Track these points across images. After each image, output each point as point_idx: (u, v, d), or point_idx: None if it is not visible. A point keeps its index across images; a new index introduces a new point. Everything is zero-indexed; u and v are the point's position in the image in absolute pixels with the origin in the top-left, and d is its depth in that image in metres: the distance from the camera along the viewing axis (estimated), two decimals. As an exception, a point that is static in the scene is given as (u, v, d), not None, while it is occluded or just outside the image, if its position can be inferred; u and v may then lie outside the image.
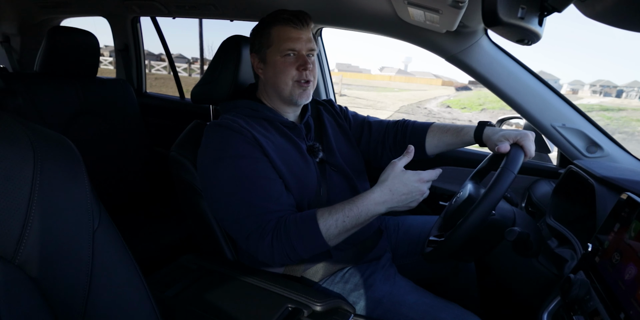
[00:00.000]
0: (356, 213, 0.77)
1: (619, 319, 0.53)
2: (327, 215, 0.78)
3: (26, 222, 0.39)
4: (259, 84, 1.00)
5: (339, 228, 0.77)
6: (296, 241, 0.77)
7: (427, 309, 0.84)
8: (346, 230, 0.78)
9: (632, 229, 0.59)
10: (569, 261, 0.81)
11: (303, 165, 0.92)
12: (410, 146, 0.83)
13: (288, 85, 0.92)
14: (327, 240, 0.78)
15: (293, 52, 0.90)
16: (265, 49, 0.92)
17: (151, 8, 1.74)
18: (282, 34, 0.90)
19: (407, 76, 48.92)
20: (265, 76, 0.95)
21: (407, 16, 1.08)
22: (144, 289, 0.52)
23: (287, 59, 0.90)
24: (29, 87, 1.39)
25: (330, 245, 0.79)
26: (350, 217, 0.77)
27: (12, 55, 2.27)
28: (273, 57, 0.91)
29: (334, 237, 0.78)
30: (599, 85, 58.05)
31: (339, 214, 0.78)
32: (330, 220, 0.77)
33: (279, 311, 0.73)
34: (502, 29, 0.75)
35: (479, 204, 0.69)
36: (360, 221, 0.78)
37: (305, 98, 0.94)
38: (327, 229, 0.77)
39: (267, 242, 0.78)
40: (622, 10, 0.45)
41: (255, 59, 0.96)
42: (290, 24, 0.90)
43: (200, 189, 0.93)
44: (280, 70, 0.91)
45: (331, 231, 0.77)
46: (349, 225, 0.78)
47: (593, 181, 0.88)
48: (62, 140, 0.45)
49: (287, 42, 0.89)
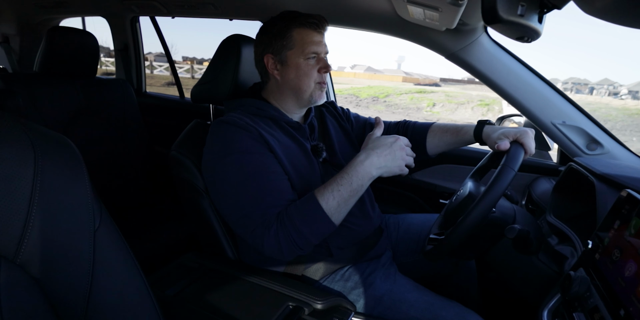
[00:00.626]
0: (347, 179, 0.80)
1: (619, 316, 0.53)
2: (322, 190, 0.80)
3: (27, 222, 0.39)
4: (268, 84, 0.99)
5: (336, 199, 0.79)
6: (300, 223, 0.78)
7: (428, 307, 0.84)
8: (344, 200, 0.79)
9: (632, 226, 0.59)
10: (569, 258, 0.81)
11: (307, 165, 0.93)
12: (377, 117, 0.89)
13: (310, 87, 0.93)
14: (330, 215, 0.78)
15: (315, 55, 0.92)
16: (287, 50, 0.92)
17: (150, 8, 1.73)
18: (306, 37, 0.91)
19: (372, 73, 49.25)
20: (284, 78, 0.93)
21: (406, 14, 1.08)
22: (145, 288, 0.52)
23: (309, 62, 0.92)
24: (29, 87, 1.39)
25: (335, 222, 0.80)
26: (343, 184, 0.79)
27: (11, 55, 2.27)
28: (295, 59, 0.91)
29: (335, 209, 0.79)
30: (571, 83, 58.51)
31: (333, 184, 0.80)
32: (327, 194, 0.79)
33: (280, 309, 0.74)
34: (501, 26, 0.75)
35: (479, 202, 0.69)
36: (354, 186, 0.79)
37: (322, 99, 0.97)
38: (326, 203, 0.78)
39: (273, 231, 0.78)
40: (622, 6, 0.45)
41: (272, 60, 0.94)
42: (313, 28, 0.92)
43: (201, 188, 0.93)
44: (304, 73, 0.92)
45: (330, 204, 0.79)
46: (345, 194, 0.79)
47: (593, 178, 0.88)
48: (63, 140, 0.45)
49: (311, 46, 0.91)
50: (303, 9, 0.99)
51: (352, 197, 0.80)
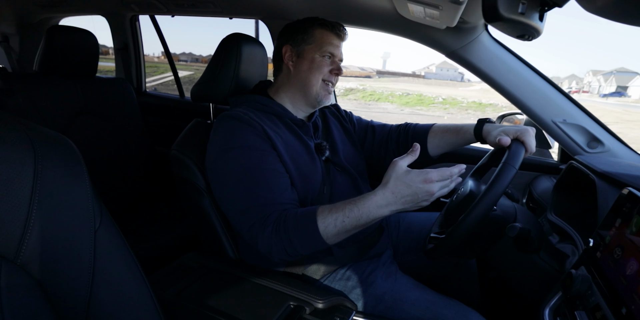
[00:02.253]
0: (357, 215, 0.74)
1: (621, 314, 0.53)
2: (326, 213, 0.76)
3: (27, 222, 0.39)
4: (279, 77, 1.02)
5: (337, 227, 0.74)
6: (294, 237, 0.76)
7: (429, 305, 0.84)
8: (346, 230, 0.75)
9: (633, 224, 0.58)
10: (570, 257, 0.81)
11: (309, 163, 0.93)
12: (415, 144, 0.76)
13: (318, 81, 0.96)
14: (325, 238, 0.75)
15: (330, 55, 0.97)
16: (305, 45, 0.97)
17: (150, 6, 1.73)
18: (326, 38, 0.97)
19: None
20: (297, 69, 0.97)
21: (407, 12, 1.08)
22: (146, 288, 0.52)
23: (324, 59, 0.97)
24: (29, 86, 1.39)
25: (329, 244, 0.77)
26: (350, 217, 0.74)
27: (11, 55, 2.26)
28: (312, 54, 0.96)
29: (333, 236, 0.76)
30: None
31: (339, 213, 0.75)
32: (329, 219, 0.75)
33: (281, 309, 0.74)
34: (502, 24, 0.75)
35: (480, 200, 0.69)
36: (360, 223, 0.74)
37: (328, 99, 0.99)
38: (325, 227, 0.75)
39: (267, 233, 0.78)
40: (624, 4, 0.45)
41: (290, 51, 0.98)
42: (335, 32, 0.98)
43: (201, 187, 0.93)
44: (316, 66, 0.96)
45: (329, 230, 0.75)
46: (348, 226, 0.74)
47: (594, 176, 0.88)
48: (63, 139, 0.45)
49: (329, 46, 0.96)
50: (304, 7, 1.00)
51: (355, 229, 0.76)
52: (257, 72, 1.11)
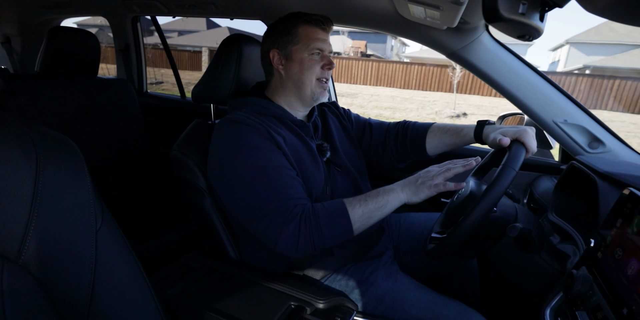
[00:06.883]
0: (375, 193, 0.85)
1: (622, 314, 0.53)
2: (349, 198, 0.84)
3: (29, 222, 0.39)
4: (272, 81, 1.00)
5: (361, 208, 0.82)
6: (324, 222, 0.79)
7: (429, 305, 0.84)
8: (369, 210, 0.83)
9: (634, 224, 0.58)
10: (571, 257, 0.81)
11: (313, 164, 0.93)
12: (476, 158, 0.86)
13: (312, 82, 0.95)
14: (353, 222, 0.81)
15: (319, 51, 0.95)
16: (292, 46, 0.94)
17: (151, 7, 1.73)
18: (311, 34, 0.94)
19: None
20: (288, 72, 0.96)
21: (407, 13, 1.08)
22: (147, 288, 0.52)
23: (313, 57, 0.94)
24: (30, 87, 1.39)
25: (354, 231, 0.82)
26: (370, 196, 0.84)
27: (13, 56, 2.27)
28: (300, 54, 0.94)
29: (358, 217, 0.82)
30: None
31: (360, 195, 0.85)
32: (354, 201, 0.83)
33: (282, 309, 0.74)
34: (503, 25, 0.75)
35: (480, 201, 0.69)
36: (379, 200, 0.84)
37: (324, 97, 0.98)
38: (352, 209, 0.82)
39: (294, 226, 0.78)
40: (624, 5, 0.45)
41: (277, 55, 0.96)
42: (318, 26, 0.95)
43: (202, 188, 0.93)
44: (307, 67, 0.94)
45: (356, 211, 0.82)
46: (370, 206, 0.83)
47: (595, 177, 0.88)
48: (64, 140, 0.45)
49: (315, 42, 0.94)
50: (305, 7, 1.00)
51: (376, 210, 0.83)
52: (258, 72, 1.11)
